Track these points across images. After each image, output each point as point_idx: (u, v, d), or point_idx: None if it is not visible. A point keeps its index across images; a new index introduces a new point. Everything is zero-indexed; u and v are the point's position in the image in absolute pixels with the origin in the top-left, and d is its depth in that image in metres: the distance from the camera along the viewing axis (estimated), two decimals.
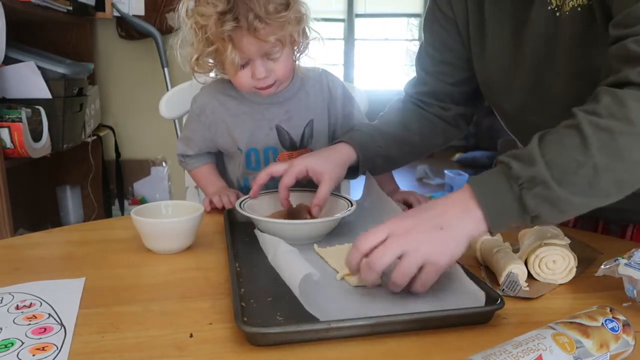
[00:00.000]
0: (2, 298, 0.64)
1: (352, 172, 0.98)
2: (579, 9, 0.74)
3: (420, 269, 0.60)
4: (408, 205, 1.07)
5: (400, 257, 0.60)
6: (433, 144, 1.06)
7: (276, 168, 0.91)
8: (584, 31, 0.75)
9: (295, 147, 1.11)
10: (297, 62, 1.07)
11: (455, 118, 1.05)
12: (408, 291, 0.62)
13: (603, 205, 0.62)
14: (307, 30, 1.02)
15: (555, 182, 0.59)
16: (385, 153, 0.99)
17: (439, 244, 0.61)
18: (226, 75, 1.03)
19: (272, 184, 0.93)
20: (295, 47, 1.03)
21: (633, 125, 0.58)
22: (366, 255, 0.61)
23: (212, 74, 1.08)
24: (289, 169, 0.88)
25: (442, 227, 0.61)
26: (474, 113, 1.08)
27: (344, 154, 0.94)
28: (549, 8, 0.78)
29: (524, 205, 0.60)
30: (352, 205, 0.88)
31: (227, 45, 0.93)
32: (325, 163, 0.90)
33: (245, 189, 1.13)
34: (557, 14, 0.77)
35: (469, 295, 0.60)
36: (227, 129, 1.09)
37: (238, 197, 1.03)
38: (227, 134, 1.10)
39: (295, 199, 0.92)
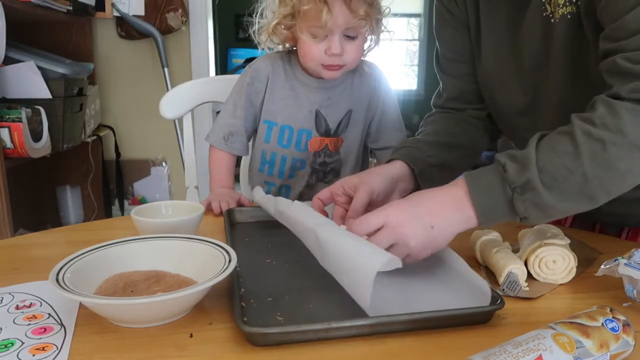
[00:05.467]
0: (2, 298, 0.64)
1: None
2: (569, 16, 0.75)
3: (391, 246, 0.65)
4: None
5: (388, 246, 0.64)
6: (481, 143, 1.03)
7: (321, 193, 0.84)
8: (573, 38, 0.75)
9: (329, 134, 1.13)
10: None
11: (490, 116, 1.01)
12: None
13: (590, 210, 0.65)
14: (382, 26, 1.05)
15: (545, 188, 0.62)
16: (437, 162, 0.91)
17: (427, 241, 0.65)
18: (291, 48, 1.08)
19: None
20: (368, 39, 1.06)
21: (624, 136, 0.60)
22: None
23: (279, 47, 1.12)
24: (327, 189, 0.83)
25: (433, 226, 0.65)
26: None
27: (393, 167, 0.87)
28: (544, 14, 0.78)
29: (514, 208, 0.64)
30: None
31: (321, 8, 0.95)
32: (364, 175, 0.83)
33: (269, 164, 1.15)
34: (552, 20, 0.78)
35: (476, 290, 0.60)
36: (268, 98, 1.11)
37: (238, 203, 1.03)
38: (263, 104, 1.12)
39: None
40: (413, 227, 0.64)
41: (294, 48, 1.09)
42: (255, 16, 1.07)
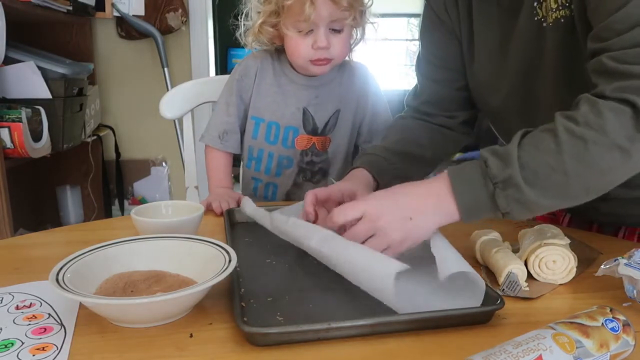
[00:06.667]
0: (2, 298, 0.64)
1: None
2: (562, 20, 0.75)
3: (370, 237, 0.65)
4: None
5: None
6: (444, 153, 1.05)
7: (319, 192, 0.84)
8: (567, 41, 0.75)
9: (317, 132, 1.13)
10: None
11: (462, 125, 1.03)
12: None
13: (572, 206, 0.65)
14: (366, 19, 1.06)
15: (527, 185, 0.62)
16: (403, 174, 0.92)
17: (405, 233, 0.65)
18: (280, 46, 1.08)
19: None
20: (353, 32, 1.07)
21: (606, 135, 0.60)
22: (341, 227, 0.67)
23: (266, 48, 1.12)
24: (326, 188, 0.84)
25: (412, 217, 0.65)
26: (477, 116, 1.06)
27: (368, 177, 0.90)
28: (536, 19, 0.78)
29: (495, 203, 0.64)
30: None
31: (304, 1, 0.95)
32: (356, 185, 0.86)
33: (256, 160, 1.16)
34: (544, 24, 0.77)
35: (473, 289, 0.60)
36: (255, 95, 1.12)
37: (238, 203, 1.03)
38: (250, 100, 1.12)
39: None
40: (391, 220, 0.65)
41: (282, 46, 1.09)
42: (241, 18, 1.08)
